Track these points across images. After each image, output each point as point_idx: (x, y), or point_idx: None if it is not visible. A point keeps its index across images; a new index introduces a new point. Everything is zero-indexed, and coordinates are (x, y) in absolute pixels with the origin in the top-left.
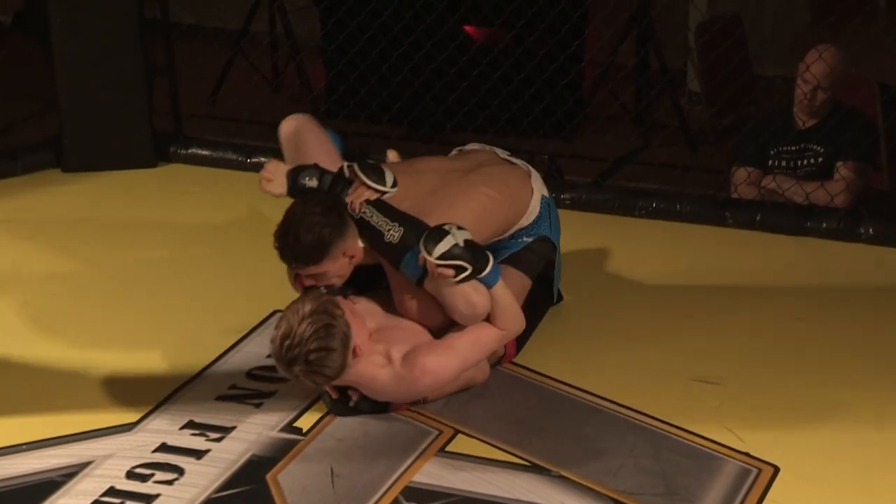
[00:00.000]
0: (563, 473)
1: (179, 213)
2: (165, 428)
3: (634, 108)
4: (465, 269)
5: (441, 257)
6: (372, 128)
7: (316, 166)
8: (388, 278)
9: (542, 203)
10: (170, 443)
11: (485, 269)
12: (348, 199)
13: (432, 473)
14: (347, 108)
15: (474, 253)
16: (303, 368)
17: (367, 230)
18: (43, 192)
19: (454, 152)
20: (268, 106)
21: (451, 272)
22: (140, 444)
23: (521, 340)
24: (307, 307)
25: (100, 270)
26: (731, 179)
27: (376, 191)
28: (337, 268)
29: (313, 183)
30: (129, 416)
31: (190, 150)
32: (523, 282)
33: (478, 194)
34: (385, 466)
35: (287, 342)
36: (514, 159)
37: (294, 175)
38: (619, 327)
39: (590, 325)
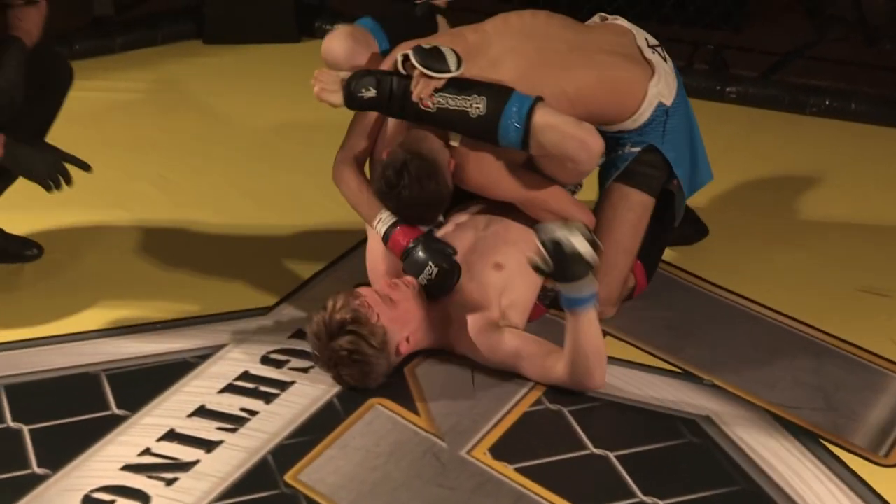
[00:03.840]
0: (717, 382)
1: None
2: (302, 315)
3: None
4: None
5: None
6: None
7: (370, 72)
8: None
9: (657, 110)
10: (306, 329)
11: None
12: (415, 97)
13: None
14: None
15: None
16: (343, 384)
17: (449, 118)
18: (183, 63)
19: (596, 18)
20: None
21: (431, 80)
22: (276, 329)
23: (649, 268)
24: (332, 327)
25: (237, 146)
26: None
27: (440, 79)
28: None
29: (371, 93)
30: (266, 300)
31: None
32: (641, 198)
33: (575, 77)
34: None
35: (319, 363)
36: (649, 54)
37: (349, 86)
38: (781, 233)
39: (750, 228)
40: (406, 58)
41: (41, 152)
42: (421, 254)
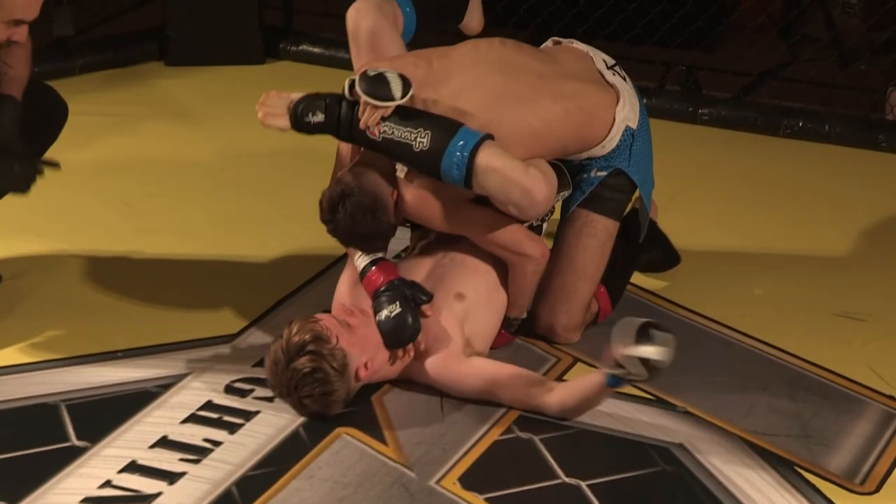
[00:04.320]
0: (690, 409)
1: None
2: (267, 343)
3: (782, 18)
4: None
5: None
6: (497, 31)
7: (318, 96)
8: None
9: (624, 134)
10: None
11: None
12: (361, 126)
13: None
14: None
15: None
16: (302, 411)
17: (395, 149)
18: (145, 86)
19: (549, 43)
20: None
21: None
22: (240, 358)
23: (614, 293)
24: (291, 350)
25: (202, 171)
26: (887, 100)
27: (386, 107)
28: (400, 213)
29: (319, 118)
30: (229, 328)
31: (301, 47)
32: (605, 224)
33: (542, 109)
34: None
35: (278, 390)
36: (610, 77)
37: (297, 110)
38: (754, 256)
39: (723, 252)
40: (353, 84)
41: (9, 166)
42: (389, 300)
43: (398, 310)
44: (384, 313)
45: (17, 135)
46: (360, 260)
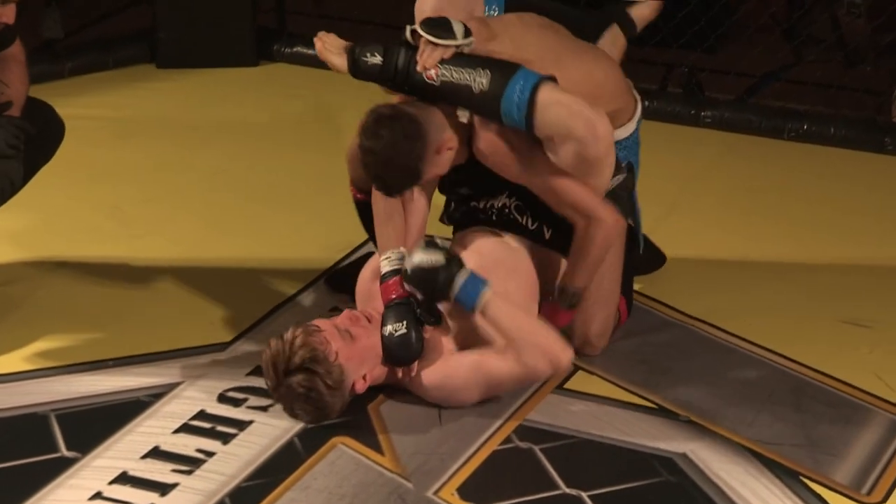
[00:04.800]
0: (693, 418)
1: (281, 116)
2: (260, 351)
3: (786, 18)
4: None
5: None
6: None
7: (378, 42)
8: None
9: (638, 123)
10: (262, 355)
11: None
12: (420, 67)
13: (548, 412)
14: None
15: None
16: (296, 419)
17: (454, 93)
18: (135, 89)
19: None
20: (380, 5)
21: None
22: (234, 366)
23: (629, 297)
24: (289, 365)
25: (194, 176)
26: (894, 102)
27: (447, 46)
28: (436, 169)
29: (377, 59)
30: (223, 336)
31: (294, 49)
32: (624, 223)
33: (603, 62)
34: (497, 403)
35: (276, 399)
36: None
37: (354, 50)
38: (757, 262)
39: (727, 259)
40: (413, 30)
41: None
42: (397, 316)
43: (403, 330)
44: (389, 328)
45: (21, 160)
46: (387, 263)
